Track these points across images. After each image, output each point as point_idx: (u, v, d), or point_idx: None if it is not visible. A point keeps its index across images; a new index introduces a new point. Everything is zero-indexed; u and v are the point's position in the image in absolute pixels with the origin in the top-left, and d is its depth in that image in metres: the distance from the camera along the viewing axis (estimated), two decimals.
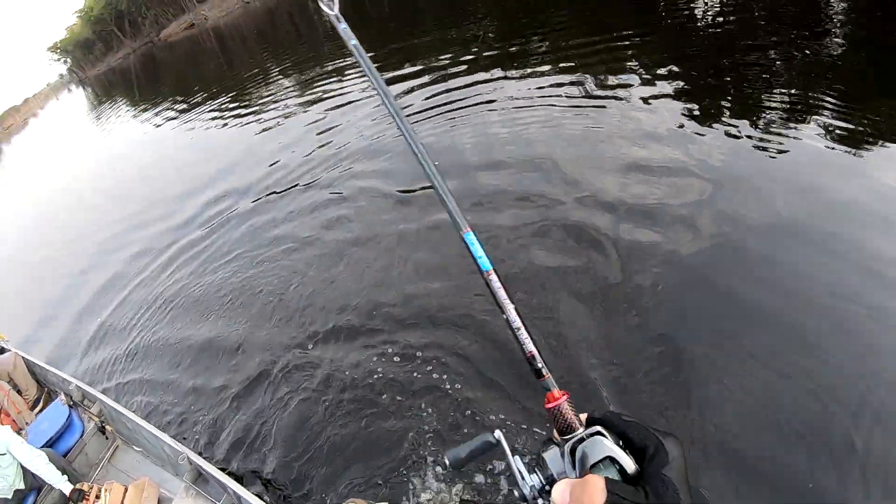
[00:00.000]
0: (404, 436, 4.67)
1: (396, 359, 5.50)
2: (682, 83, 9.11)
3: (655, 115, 8.17)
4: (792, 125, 7.04)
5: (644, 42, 11.47)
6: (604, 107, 8.94)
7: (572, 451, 0.91)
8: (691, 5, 13.20)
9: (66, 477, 4.79)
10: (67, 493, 4.66)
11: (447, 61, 14.47)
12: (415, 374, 5.23)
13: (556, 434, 0.97)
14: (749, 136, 7.06)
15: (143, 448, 5.48)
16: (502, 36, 15.59)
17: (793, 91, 7.93)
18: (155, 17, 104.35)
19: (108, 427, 5.77)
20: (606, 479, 0.80)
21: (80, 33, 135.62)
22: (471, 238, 1.06)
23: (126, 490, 4.58)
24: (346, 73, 17.73)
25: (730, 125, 7.42)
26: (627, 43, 11.49)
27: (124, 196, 16.13)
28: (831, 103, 7.24)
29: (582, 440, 0.90)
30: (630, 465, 0.84)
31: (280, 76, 22.47)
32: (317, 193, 9.89)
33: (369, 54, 1.21)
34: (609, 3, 15.65)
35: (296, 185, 10.66)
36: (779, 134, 6.91)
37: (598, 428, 0.91)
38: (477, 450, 1.10)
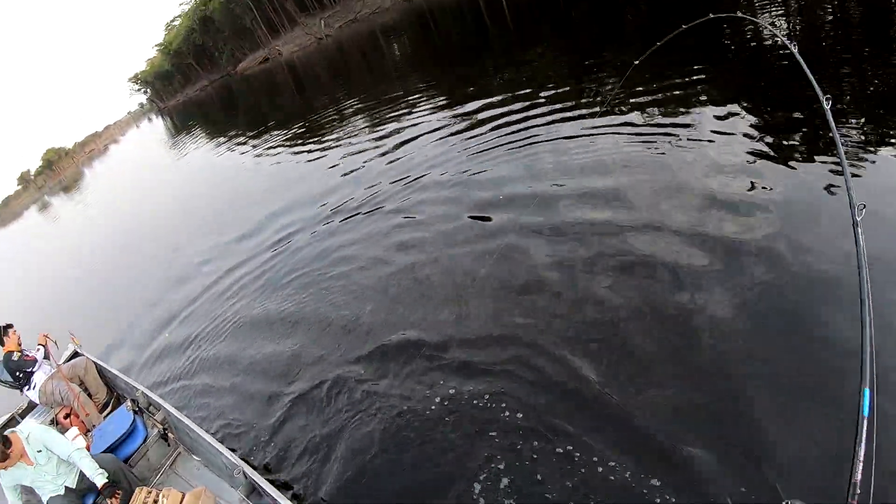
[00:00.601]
0: (472, 478, 4.48)
1: (466, 388, 5.37)
2: (754, 118, 8.89)
3: (728, 148, 8.02)
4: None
5: (713, 76, 11.36)
6: (678, 140, 8.86)
7: None
8: (759, 38, 13.15)
9: (103, 471, 4.87)
10: (100, 486, 4.77)
11: (526, 91, 14.56)
12: (493, 411, 5.03)
13: None
14: (820, 172, 6.73)
15: (202, 458, 5.57)
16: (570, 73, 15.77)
17: (864, 122, 7.51)
18: (231, 52, 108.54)
19: (170, 434, 5.92)
20: None
21: (160, 65, 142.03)
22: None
23: (183, 497, 4.64)
24: (417, 105, 18.11)
25: (802, 159, 7.19)
26: (697, 78, 11.31)
27: (197, 218, 17.12)
28: None
29: None
30: None
31: (350, 108, 23.03)
32: (385, 218, 10.10)
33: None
34: (677, 44, 15.74)
35: (360, 212, 10.92)
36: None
37: None
38: None
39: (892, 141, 6.65)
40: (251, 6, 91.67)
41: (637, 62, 7.77)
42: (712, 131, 8.55)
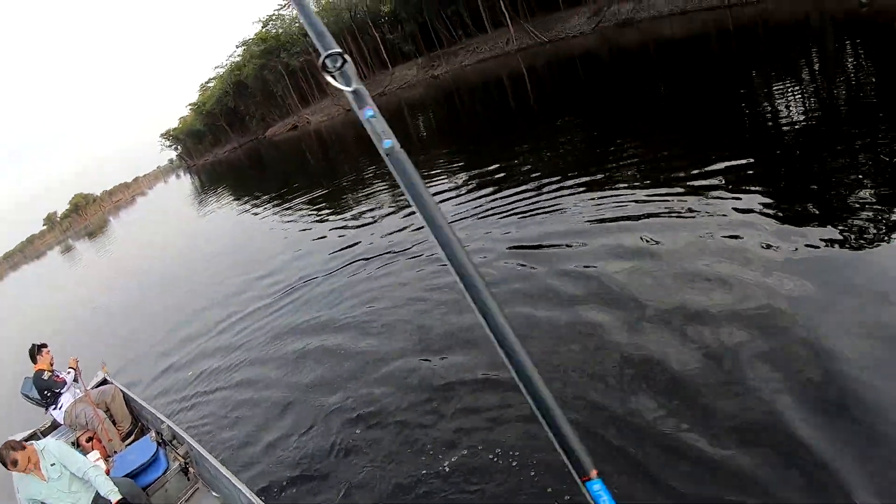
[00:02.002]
0: None
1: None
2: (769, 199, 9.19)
3: (744, 231, 8.19)
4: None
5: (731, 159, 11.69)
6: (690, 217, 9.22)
7: None
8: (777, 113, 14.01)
9: (116, 489, 4.92)
10: (114, 502, 4.82)
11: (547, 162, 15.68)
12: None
13: None
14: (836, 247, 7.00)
15: (221, 495, 5.53)
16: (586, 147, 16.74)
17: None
18: (262, 117, 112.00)
19: (191, 469, 5.95)
20: None
21: (192, 124, 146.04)
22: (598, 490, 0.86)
23: None
24: (436, 176, 19.02)
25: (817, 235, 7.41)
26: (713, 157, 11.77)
27: (213, 270, 18.18)
28: None
29: None
30: None
31: (373, 178, 24.04)
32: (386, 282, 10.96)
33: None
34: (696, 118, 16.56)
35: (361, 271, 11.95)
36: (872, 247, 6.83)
37: None
38: None
39: None
40: (283, 74, 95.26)
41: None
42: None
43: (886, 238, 6.87)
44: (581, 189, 12.41)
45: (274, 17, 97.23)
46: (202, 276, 17.84)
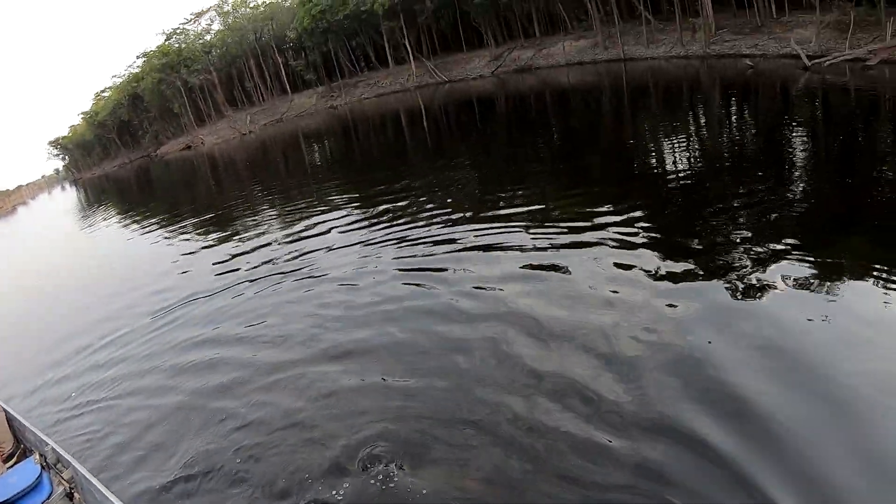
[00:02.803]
0: None
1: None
2: (653, 237, 10.70)
3: (627, 273, 9.38)
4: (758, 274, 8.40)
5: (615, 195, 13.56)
6: (570, 262, 10.21)
7: None
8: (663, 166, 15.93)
9: None
10: None
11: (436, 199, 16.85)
12: None
13: None
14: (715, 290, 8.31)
15: None
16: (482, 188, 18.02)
17: (757, 243, 9.45)
18: (155, 133, 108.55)
19: (76, 494, 5.66)
20: None
21: (83, 134, 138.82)
22: None
23: None
24: (322, 208, 19.96)
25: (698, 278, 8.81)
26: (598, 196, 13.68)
27: (96, 286, 18.34)
28: (796, 254, 8.68)
29: None
30: None
31: (263, 207, 24.56)
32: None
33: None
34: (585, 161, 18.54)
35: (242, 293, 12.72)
36: (750, 286, 8.15)
37: None
38: None
39: None
40: (182, 91, 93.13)
41: None
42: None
43: (757, 268, 8.57)
44: (470, 220, 13.89)
45: (178, 31, 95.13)
46: (84, 294, 17.87)
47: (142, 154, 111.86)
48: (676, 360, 6.88)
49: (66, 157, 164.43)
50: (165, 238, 23.14)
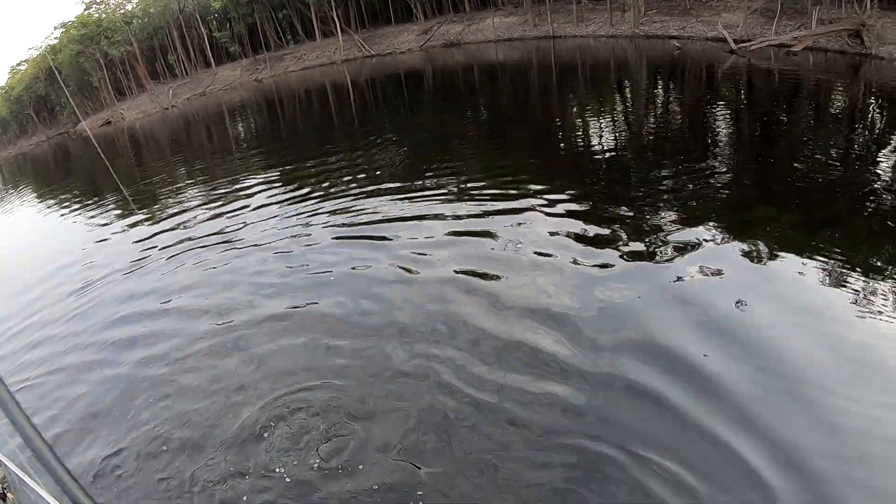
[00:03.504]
0: None
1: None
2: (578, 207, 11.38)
3: (555, 244, 9.90)
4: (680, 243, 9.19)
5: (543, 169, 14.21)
6: (498, 232, 10.80)
7: None
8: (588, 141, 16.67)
9: None
10: None
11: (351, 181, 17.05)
12: None
13: None
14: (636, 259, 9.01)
15: None
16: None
17: (677, 211, 10.32)
18: (73, 109, 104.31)
19: (9, 495, 5.41)
20: None
21: None
22: None
23: None
24: (248, 184, 20.06)
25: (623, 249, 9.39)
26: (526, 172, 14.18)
27: (9, 269, 18.01)
28: (713, 224, 9.60)
29: None
30: None
31: (186, 182, 24.57)
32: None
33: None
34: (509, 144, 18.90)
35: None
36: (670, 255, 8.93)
37: None
38: None
39: None
40: (102, 64, 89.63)
41: None
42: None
43: (676, 231, 9.44)
44: (398, 192, 14.39)
45: (98, 0, 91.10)
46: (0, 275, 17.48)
47: (60, 131, 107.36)
48: (607, 314, 7.65)
49: None
50: (86, 216, 22.85)
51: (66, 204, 27.46)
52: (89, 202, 25.93)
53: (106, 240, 17.73)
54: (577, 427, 5.81)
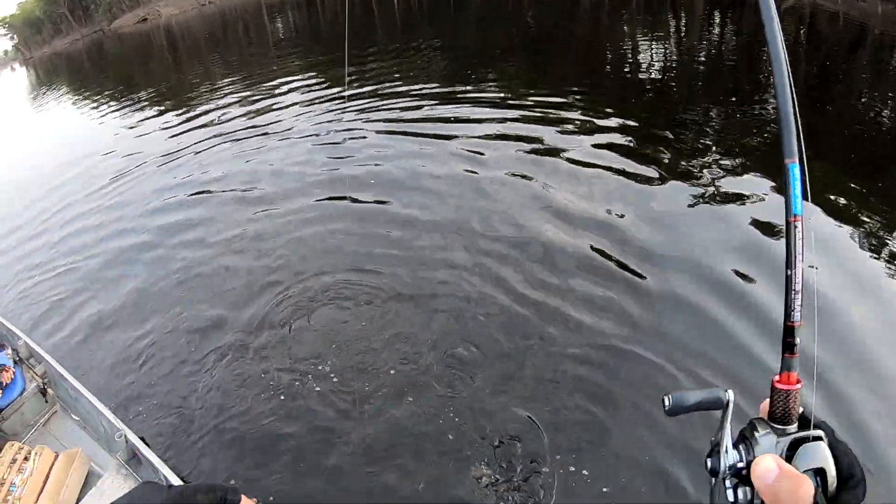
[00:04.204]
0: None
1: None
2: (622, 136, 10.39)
3: (595, 170, 9.09)
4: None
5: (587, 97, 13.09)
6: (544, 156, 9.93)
7: (791, 446, 0.86)
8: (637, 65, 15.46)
9: None
10: None
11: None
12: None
13: (766, 417, 0.91)
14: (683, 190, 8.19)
15: (81, 418, 5.23)
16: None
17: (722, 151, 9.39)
18: (109, 6, 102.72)
19: (49, 390, 5.50)
20: (816, 489, 0.79)
21: (32, 11, 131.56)
22: (796, 172, 0.91)
23: (56, 457, 4.41)
24: (284, 82, 19.17)
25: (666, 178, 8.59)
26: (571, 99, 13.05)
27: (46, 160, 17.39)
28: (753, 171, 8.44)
29: (806, 439, 0.85)
30: (833, 485, 0.81)
31: (224, 81, 23.39)
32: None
33: None
34: (556, 59, 17.90)
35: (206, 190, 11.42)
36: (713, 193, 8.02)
37: (822, 433, 0.86)
38: (704, 403, 1.01)
39: None
40: None
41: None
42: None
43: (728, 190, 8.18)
44: (439, 97, 13.97)
45: None
46: (42, 180, 16.26)
47: (94, 29, 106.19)
48: (658, 227, 7.29)
49: (15, 37, 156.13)
50: (122, 112, 22.06)
51: (102, 101, 26.46)
52: (125, 99, 24.90)
53: (143, 134, 17.13)
54: (631, 334, 5.58)
